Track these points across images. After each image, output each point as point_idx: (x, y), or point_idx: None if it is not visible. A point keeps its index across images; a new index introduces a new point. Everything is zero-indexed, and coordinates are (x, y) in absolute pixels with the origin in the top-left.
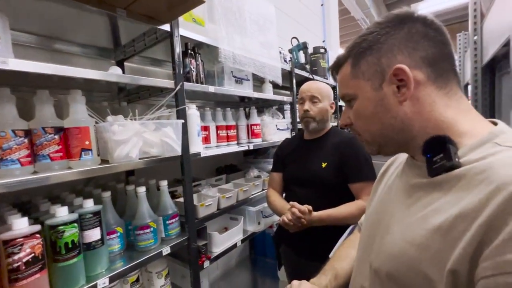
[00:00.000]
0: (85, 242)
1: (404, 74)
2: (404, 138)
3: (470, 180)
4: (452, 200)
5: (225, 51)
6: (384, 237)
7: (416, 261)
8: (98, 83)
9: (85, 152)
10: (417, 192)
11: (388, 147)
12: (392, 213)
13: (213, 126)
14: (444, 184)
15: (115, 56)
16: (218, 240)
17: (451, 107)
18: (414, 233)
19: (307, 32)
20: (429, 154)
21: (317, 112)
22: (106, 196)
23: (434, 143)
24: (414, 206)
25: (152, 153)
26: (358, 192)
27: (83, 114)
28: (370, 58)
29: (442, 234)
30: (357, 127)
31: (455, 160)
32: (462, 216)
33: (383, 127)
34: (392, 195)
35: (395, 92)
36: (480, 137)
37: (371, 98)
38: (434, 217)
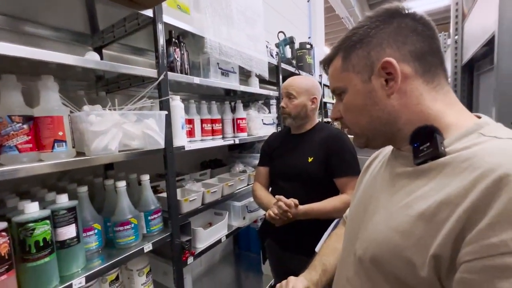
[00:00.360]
0: (59, 240)
1: (392, 67)
2: (391, 130)
3: (455, 168)
4: (436, 187)
5: (211, 41)
6: (368, 225)
7: (399, 248)
8: (74, 70)
9: (58, 144)
10: (402, 180)
11: (376, 140)
12: (377, 202)
13: (197, 119)
14: (429, 171)
15: (93, 42)
16: (202, 236)
17: (438, 100)
18: (398, 220)
19: (293, 28)
20: (416, 143)
21: (292, 108)
22: (82, 191)
23: (422, 132)
24: (398, 194)
25: (133, 145)
26: (343, 187)
27: (56, 103)
28: (360, 51)
29: (425, 220)
30: (347, 120)
31: (441, 148)
32: (446, 202)
33: (372, 119)
34: (377, 185)
35: (383, 85)
36: (465, 128)
37: (360, 90)
38: (418, 204)
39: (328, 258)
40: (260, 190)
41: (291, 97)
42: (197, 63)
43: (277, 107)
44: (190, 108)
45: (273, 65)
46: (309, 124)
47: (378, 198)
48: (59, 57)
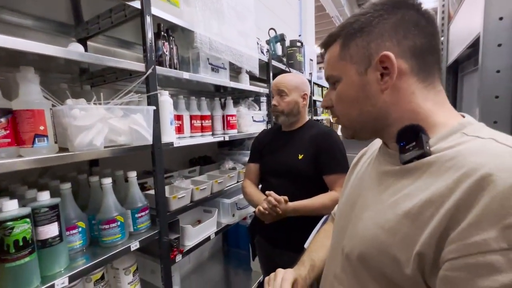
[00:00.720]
0: (40, 239)
1: (390, 62)
2: (381, 125)
3: (440, 167)
4: (422, 186)
5: (201, 36)
6: (356, 223)
7: (386, 245)
8: (56, 62)
9: (39, 139)
10: (388, 179)
11: (364, 133)
12: (365, 200)
13: (187, 115)
14: (415, 171)
15: (76, 33)
16: (191, 233)
17: (428, 99)
18: (385, 218)
19: (284, 25)
20: (402, 142)
21: (284, 105)
22: (65, 188)
23: (408, 132)
24: (385, 193)
25: (120, 141)
26: (331, 184)
27: (37, 95)
28: (360, 40)
29: (410, 219)
30: (337, 110)
31: (426, 148)
32: (431, 201)
33: (362, 113)
34: (365, 183)
35: (378, 80)
36: (450, 127)
37: (355, 82)
38: (404, 203)
39: (316, 254)
40: (250, 187)
41: (283, 95)
42: (186, 58)
43: (267, 104)
44: (179, 104)
45: (264, 62)
46: (300, 121)
47: (365, 196)
48: (40, 48)
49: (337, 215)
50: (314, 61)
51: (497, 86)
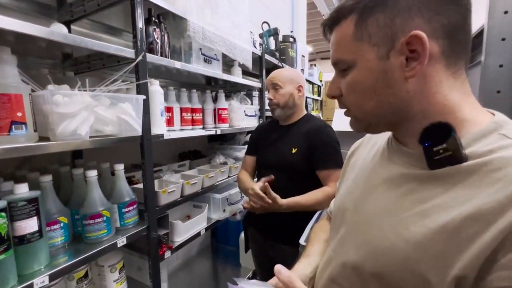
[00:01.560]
0: (17, 235)
1: (420, 44)
2: (399, 119)
3: (484, 177)
4: (460, 197)
5: (194, 24)
6: (367, 230)
7: (412, 261)
8: (36, 45)
9: (16, 126)
10: (409, 183)
11: (379, 126)
12: (376, 204)
13: (177, 107)
14: (448, 178)
15: (59, 16)
16: (180, 229)
17: (454, 89)
18: (411, 230)
19: (276, 20)
20: (427, 142)
21: (279, 98)
22: (46, 181)
23: (435, 130)
24: (407, 199)
25: (107, 131)
26: (325, 179)
27: (14, 79)
28: (382, 16)
29: (447, 235)
30: (348, 100)
31: (463, 152)
32: (475, 217)
33: (379, 104)
34: (372, 182)
35: (403, 65)
36: (483, 126)
37: (374, 68)
38: (437, 215)
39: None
40: (244, 176)
41: (277, 88)
42: (177, 48)
43: (259, 99)
44: (169, 95)
45: (257, 56)
46: (297, 115)
47: (376, 199)
48: (19, 26)
49: (334, 215)
50: (306, 57)
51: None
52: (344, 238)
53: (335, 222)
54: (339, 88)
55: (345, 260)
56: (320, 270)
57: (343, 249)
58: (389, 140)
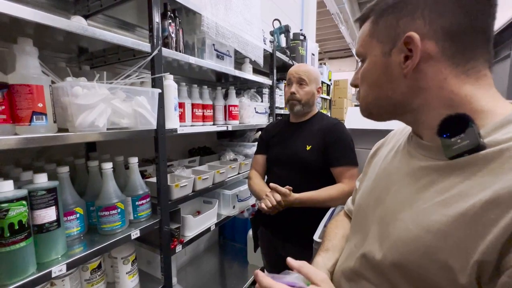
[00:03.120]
0: (37, 223)
1: (413, 43)
2: (401, 111)
3: (503, 163)
4: (479, 185)
5: (208, 20)
6: (388, 224)
7: (434, 250)
8: (54, 38)
9: (37, 117)
10: (429, 176)
11: (382, 116)
12: (396, 197)
13: (188, 103)
14: (467, 167)
15: (76, 10)
16: (192, 224)
17: (467, 83)
18: (431, 219)
19: (286, 19)
20: (446, 134)
21: (303, 95)
22: (63, 172)
23: (452, 121)
24: (428, 191)
25: (123, 124)
26: (339, 176)
27: (36, 70)
28: (390, 18)
29: (467, 221)
30: (361, 90)
31: (480, 140)
32: (495, 202)
33: (379, 98)
34: (393, 178)
35: (401, 63)
36: (503, 115)
37: (378, 63)
38: (457, 203)
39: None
40: (255, 178)
41: (303, 83)
42: (190, 44)
43: (269, 97)
44: (181, 91)
45: (268, 53)
46: (311, 113)
47: (398, 193)
48: (40, 17)
49: (355, 212)
50: (315, 56)
51: None
52: (366, 233)
53: (356, 220)
54: (359, 78)
55: (367, 252)
56: (341, 263)
57: (365, 243)
58: (410, 136)
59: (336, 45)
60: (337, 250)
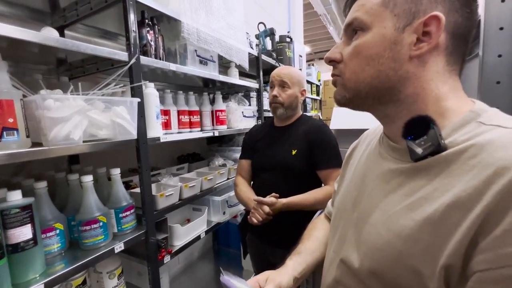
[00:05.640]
0: (10, 243)
1: (435, 25)
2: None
3: (461, 165)
4: (441, 187)
5: (188, 26)
6: (362, 228)
7: (404, 255)
8: (29, 50)
9: (7, 132)
10: (397, 178)
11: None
12: (369, 201)
13: (174, 110)
14: (430, 169)
15: (52, 21)
16: (180, 233)
17: (447, 84)
18: (400, 224)
19: (273, 21)
20: (410, 136)
21: (285, 98)
22: (40, 187)
23: (415, 124)
24: (396, 194)
25: (101, 135)
26: (325, 178)
27: (5, 84)
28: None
29: (432, 225)
30: (348, 66)
31: (442, 142)
32: (456, 205)
33: (378, 74)
34: (367, 180)
35: (412, 43)
36: (462, 116)
37: (386, 36)
38: (422, 207)
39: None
40: (241, 185)
41: (285, 86)
42: (173, 50)
43: (257, 100)
44: (166, 98)
45: (253, 56)
46: (295, 116)
47: (370, 196)
48: (7, 30)
49: (334, 215)
50: (303, 57)
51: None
52: (343, 237)
53: (334, 223)
54: (341, 53)
55: (345, 260)
56: (325, 272)
57: (342, 249)
58: (381, 137)
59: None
60: (309, 253)
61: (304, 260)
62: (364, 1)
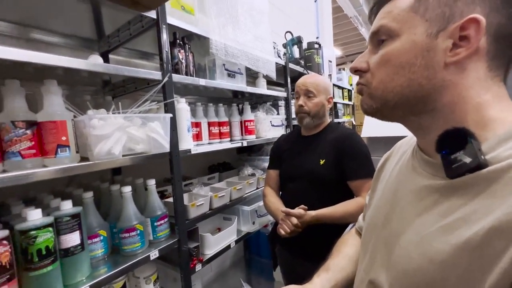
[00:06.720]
0: (62, 248)
1: (474, 29)
2: (422, 109)
3: (505, 185)
4: (482, 209)
5: (216, 42)
6: (393, 249)
7: (439, 282)
8: (80, 75)
9: (61, 149)
10: (431, 196)
11: (393, 110)
12: (401, 219)
13: (205, 122)
14: (468, 187)
15: (99, 47)
16: (210, 242)
17: (490, 91)
18: (434, 248)
19: (300, 29)
20: (445, 150)
21: (311, 107)
22: (87, 197)
23: (451, 137)
24: (430, 213)
25: (138, 149)
26: (357, 190)
27: (59, 107)
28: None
29: (471, 251)
30: (375, 76)
31: (481, 158)
32: (499, 230)
33: (409, 83)
34: (399, 195)
35: (447, 49)
36: (507, 127)
37: (418, 43)
38: (459, 230)
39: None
40: (270, 196)
41: (310, 96)
42: (203, 65)
43: (285, 108)
44: (197, 111)
45: (281, 66)
46: (322, 124)
47: (401, 214)
48: (61, 61)
49: (364, 231)
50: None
51: None
52: (373, 256)
53: (365, 239)
54: (367, 62)
55: (375, 281)
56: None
57: (372, 269)
58: (414, 149)
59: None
60: (338, 270)
61: (334, 278)
62: (391, 7)
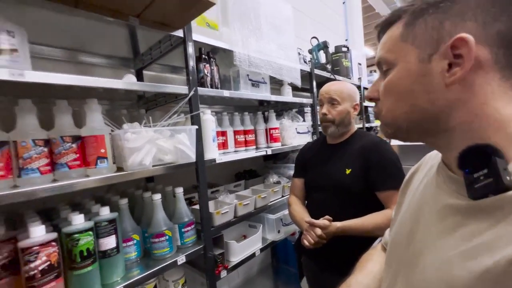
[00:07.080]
0: (101, 250)
1: (466, 47)
2: (436, 130)
3: None
4: (506, 236)
5: (240, 54)
6: (413, 271)
7: None
8: (117, 92)
9: (100, 160)
10: (453, 216)
11: (409, 133)
12: (423, 238)
13: (230, 131)
14: (492, 210)
15: (135, 65)
16: (235, 249)
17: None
18: (454, 273)
19: (329, 32)
20: (467, 168)
21: (335, 115)
22: (123, 203)
23: (473, 154)
24: (451, 236)
25: (166, 160)
26: (386, 201)
27: (99, 123)
28: (431, 18)
29: (492, 282)
30: (383, 104)
31: (506, 179)
32: None
33: (413, 110)
34: (423, 212)
35: (444, 70)
36: None
37: (412, 70)
38: (481, 256)
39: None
40: (295, 204)
41: (334, 103)
42: (228, 76)
43: (311, 115)
44: (223, 120)
45: (306, 72)
46: (348, 133)
47: (424, 233)
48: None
49: (389, 248)
50: (363, 64)
51: None
52: (395, 276)
53: (389, 257)
54: (378, 90)
55: None
56: None
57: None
58: (439, 164)
59: None
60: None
61: None
62: (386, 38)
